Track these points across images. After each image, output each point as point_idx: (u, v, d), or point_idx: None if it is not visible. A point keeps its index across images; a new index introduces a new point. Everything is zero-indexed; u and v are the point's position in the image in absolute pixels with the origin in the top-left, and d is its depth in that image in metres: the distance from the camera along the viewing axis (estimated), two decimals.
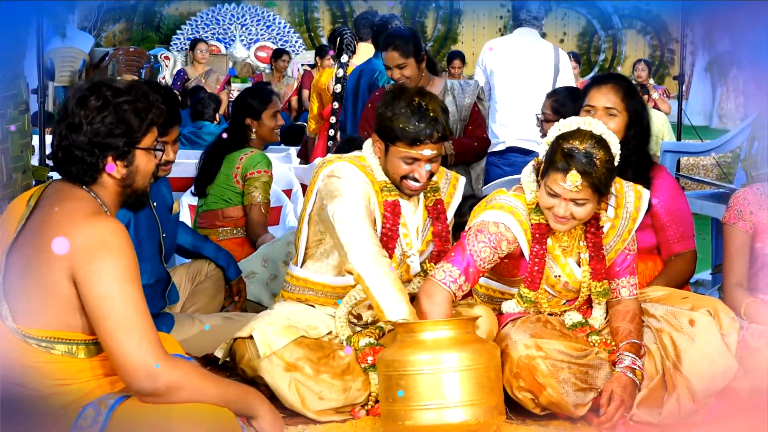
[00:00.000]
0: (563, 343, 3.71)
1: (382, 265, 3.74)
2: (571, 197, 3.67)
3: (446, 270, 3.78)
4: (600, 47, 19.09)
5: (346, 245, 3.79)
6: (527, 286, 3.88)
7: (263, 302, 5.07)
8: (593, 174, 3.63)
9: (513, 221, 3.83)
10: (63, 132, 2.92)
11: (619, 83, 4.37)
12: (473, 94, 5.89)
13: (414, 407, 3.41)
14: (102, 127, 2.90)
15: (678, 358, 3.76)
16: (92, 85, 2.95)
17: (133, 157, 2.97)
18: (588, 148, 3.65)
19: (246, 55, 17.40)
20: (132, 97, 2.94)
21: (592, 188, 3.66)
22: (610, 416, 3.66)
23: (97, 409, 2.81)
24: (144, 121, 2.96)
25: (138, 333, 2.77)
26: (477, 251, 3.79)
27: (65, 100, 2.96)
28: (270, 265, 5.24)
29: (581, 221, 3.78)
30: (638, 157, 4.31)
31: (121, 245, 2.80)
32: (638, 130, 4.32)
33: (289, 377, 3.81)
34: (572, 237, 3.90)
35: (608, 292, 3.92)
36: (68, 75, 15.55)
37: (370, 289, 3.72)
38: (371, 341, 3.92)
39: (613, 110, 4.29)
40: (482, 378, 3.41)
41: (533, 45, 7.03)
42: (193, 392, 2.81)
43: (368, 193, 3.96)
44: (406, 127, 3.86)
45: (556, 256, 3.90)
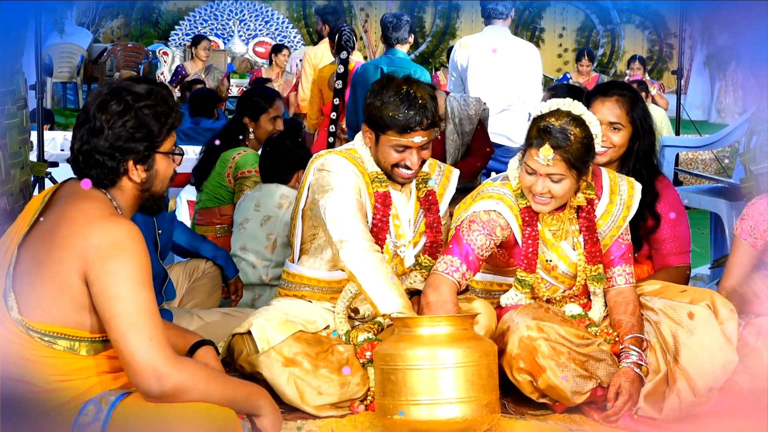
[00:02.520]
0: (565, 329, 3.73)
1: (374, 260, 3.75)
2: (546, 172, 3.75)
3: (447, 261, 3.83)
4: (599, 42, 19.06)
5: (338, 243, 3.80)
6: (524, 269, 3.91)
7: (261, 252, 5.13)
8: (566, 148, 3.71)
9: (503, 207, 3.89)
10: (84, 136, 2.94)
11: (623, 95, 4.35)
12: (475, 118, 5.83)
13: (405, 402, 3.42)
14: (123, 132, 2.92)
15: (677, 352, 3.77)
16: (113, 89, 2.97)
17: (153, 161, 3.00)
18: (563, 125, 3.75)
19: (244, 50, 17.38)
20: (152, 101, 2.97)
21: (566, 163, 3.73)
22: (618, 410, 3.68)
23: (98, 405, 2.82)
24: (164, 126, 2.99)
25: (148, 334, 2.78)
26: (473, 240, 3.84)
27: (85, 104, 2.98)
28: (263, 209, 5.26)
29: (560, 200, 3.83)
30: (648, 170, 4.32)
31: (134, 247, 2.82)
32: (645, 144, 4.32)
33: (287, 372, 3.81)
34: (560, 220, 3.95)
35: (603, 277, 3.95)
36: (66, 71, 15.55)
37: (362, 285, 3.73)
38: (369, 336, 3.93)
39: (617, 125, 4.30)
40: (475, 376, 3.42)
41: (503, 41, 7.08)
42: (200, 394, 2.82)
43: (359, 186, 3.97)
44: (396, 115, 3.87)
45: (547, 240, 3.94)
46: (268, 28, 18.09)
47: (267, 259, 5.24)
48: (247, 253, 5.27)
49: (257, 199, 5.35)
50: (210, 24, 17.98)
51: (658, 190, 4.36)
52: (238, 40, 17.54)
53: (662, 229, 4.36)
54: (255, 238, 5.28)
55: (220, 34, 17.73)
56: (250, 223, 5.31)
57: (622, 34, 19.08)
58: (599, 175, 4.08)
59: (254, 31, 17.96)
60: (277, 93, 6.35)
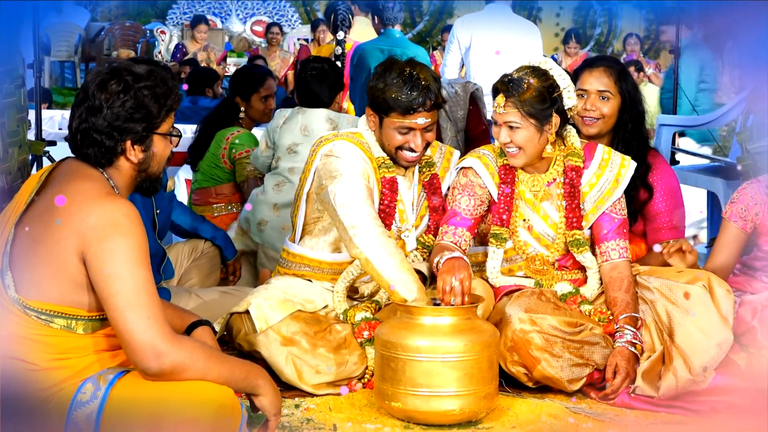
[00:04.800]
0: (557, 319, 3.74)
1: (389, 246, 3.73)
2: (503, 120, 3.88)
3: (442, 231, 3.98)
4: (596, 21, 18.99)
5: (350, 229, 3.76)
6: (496, 224, 4.00)
7: (277, 248, 5.12)
8: (516, 95, 3.82)
9: (479, 164, 4.03)
10: (82, 115, 2.94)
11: (611, 66, 4.37)
12: (465, 101, 5.79)
13: (404, 391, 3.44)
14: (122, 111, 2.92)
15: (673, 331, 3.78)
16: (113, 69, 2.96)
17: (150, 142, 2.99)
18: (521, 75, 3.87)
19: (242, 29, 17.31)
20: (152, 82, 2.96)
21: (518, 110, 3.85)
22: (616, 389, 3.71)
23: (96, 384, 2.82)
24: (163, 107, 2.98)
25: (146, 312, 2.77)
26: (458, 203, 4.00)
27: (85, 83, 2.98)
28: (282, 212, 5.26)
29: (528, 151, 3.91)
30: (638, 141, 4.32)
31: (132, 226, 2.82)
32: (634, 113, 4.32)
33: (285, 351, 3.81)
34: (540, 182, 4.03)
35: (582, 243, 3.98)
36: (64, 50, 15.50)
37: (379, 270, 3.69)
38: (367, 316, 3.93)
39: (606, 93, 4.29)
40: (475, 369, 3.43)
41: (505, 19, 7.07)
42: (198, 372, 2.82)
43: (367, 172, 3.95)
44: (399, 97, 3.86)
45: (528, 200, 4.02)
46: (266, 7, 18.00)
47: None
48: (295, 175, 5.29)
49: (302, 122, 5.40)
50: (207, 3, 17.90)
51: (651, 162, 4.36)
52: (236, 20, 17.47)
53: (655, 201, 4.34)
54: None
55: (217, 14, 17.65)
56: (300, 147, 5.34)
57: (619, 13, 19.02)
58: (593, 148, 4.10)
59: (252, 10, 17.88)
60: (268, 72, 6.34)
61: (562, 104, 3.91)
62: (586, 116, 4.29)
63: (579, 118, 4.29)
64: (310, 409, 3.66)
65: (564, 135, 4.05)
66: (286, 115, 5.51)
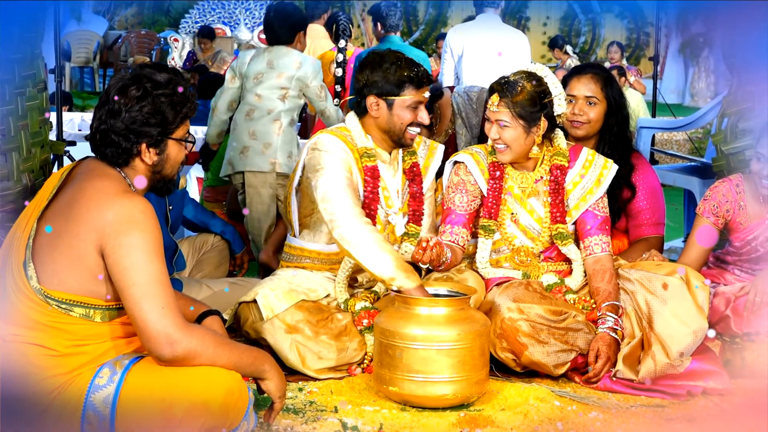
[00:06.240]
0: (543, 307, 3.75)
1: (363, 231, 3.73)
2: (495, 118, 3.92)
3: (441, 231, 4.01)
4: (580, 30, 19.00)
5: (330, 222, 3.79)
6: (485, 216, 4.02)
7: (263, 168, 5.29)
8: (510, 96, 3.87)
9: (470, 160, 4.05)
10: (102, 116, 2.96)
11: (598, 73, 4.39)
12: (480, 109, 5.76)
13: (401, 376, 3.44)
14: (139, 116, 2.93)
15: (651, 319, 3.78)
16: (135, 75, 2.98)
17: (165, 146, 3.00)
18: (517, 78, 3.91)
19: (250, 37, 17.31)
20: (170, 90, 2.97)
21: (510, 110, 3.88)
22: (597, 372, 3.72)
23: (112, 368, 2.83)
24: (178, 114, 3.00)
25: (160, 302, 2.78)
26: (452, 200, 4.03)
27: (108, 86, 3.00)
28: (259, 136, 5.34)
29: (514, 149, 3.94)
30: (622, 143, 4.33)
31: (147, 222, 2.83)
32: (619, 118, 4.34)
33: (290, 338, 3.81)
34: (528, 179, 4.04)
35: (566, 236, 3.99)
36: (84, 56, 15.49)
37: (356, 256, 3.72)
38: (367, 305, 3.93)
39: (593, 98, 4.31)
40: (467, 356, 3.43)
41: (495, 28, 7.06)
42: (209, 358, 2.83)
43: (349, 162, 3.97)
44: (409, 73, 3.96)
45: (516, 195, 4.04)
46: None
47: None
48: (262, 101, 5.39)
49: (268, 58, 5.47)
50: (218, 12, 17.90)
51: (634, 163, 4.38)
52: (244, 28, 17.47)
53: (638, 200, 4.37)
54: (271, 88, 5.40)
55: (227, 22, 17.65)
56: (264, 77, 5.41)
57: (602, 22, 19.02)
58: (578, 150, 4.12)
59: (258, 19, 17.87)
60: None
61: (552, 110, 3.93)
62: (574, 120, 4.31)
63: (567, 122, 4.30)
64: (312, 392, 3.66)
65: (552, 137, 4.06)
66: (251, 54, 5.59)
